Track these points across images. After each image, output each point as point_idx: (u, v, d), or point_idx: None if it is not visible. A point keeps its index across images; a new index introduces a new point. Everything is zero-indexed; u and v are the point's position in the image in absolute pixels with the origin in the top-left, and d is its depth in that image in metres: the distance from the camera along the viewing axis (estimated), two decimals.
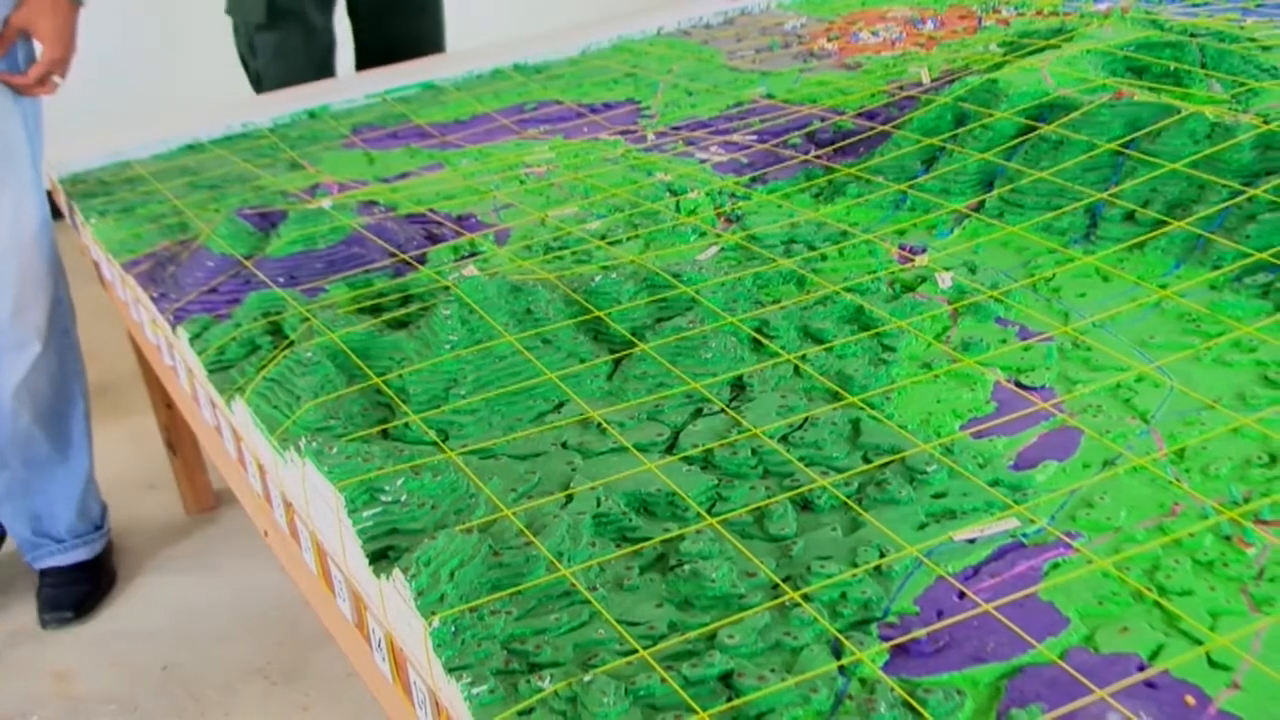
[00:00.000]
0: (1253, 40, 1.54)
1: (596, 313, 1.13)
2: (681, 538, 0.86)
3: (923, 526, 0.86)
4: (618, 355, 1.10)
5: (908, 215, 1.31)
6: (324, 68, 2.35)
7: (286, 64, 2.31)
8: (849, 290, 1.16)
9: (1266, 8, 1.78)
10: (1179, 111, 1.29)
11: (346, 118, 1.82)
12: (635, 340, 1.10)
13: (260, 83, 2.35)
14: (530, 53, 1.99)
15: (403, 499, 0.91)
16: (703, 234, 1.31)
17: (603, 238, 1.32)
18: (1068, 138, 1.31)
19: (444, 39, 2.47)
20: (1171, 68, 1.48)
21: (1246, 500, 0.84)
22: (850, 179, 1.39)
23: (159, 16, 3.52)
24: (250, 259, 1.34)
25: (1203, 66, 1.48)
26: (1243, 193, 1.18)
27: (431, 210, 1.44)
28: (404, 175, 1.57)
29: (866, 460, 0.93)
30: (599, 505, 0.89)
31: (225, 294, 1.29)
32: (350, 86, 1.96)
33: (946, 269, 1.18)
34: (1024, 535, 0.84)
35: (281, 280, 1.29)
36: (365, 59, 2.45)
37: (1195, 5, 1.82)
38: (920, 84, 1.61)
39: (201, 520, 2.07)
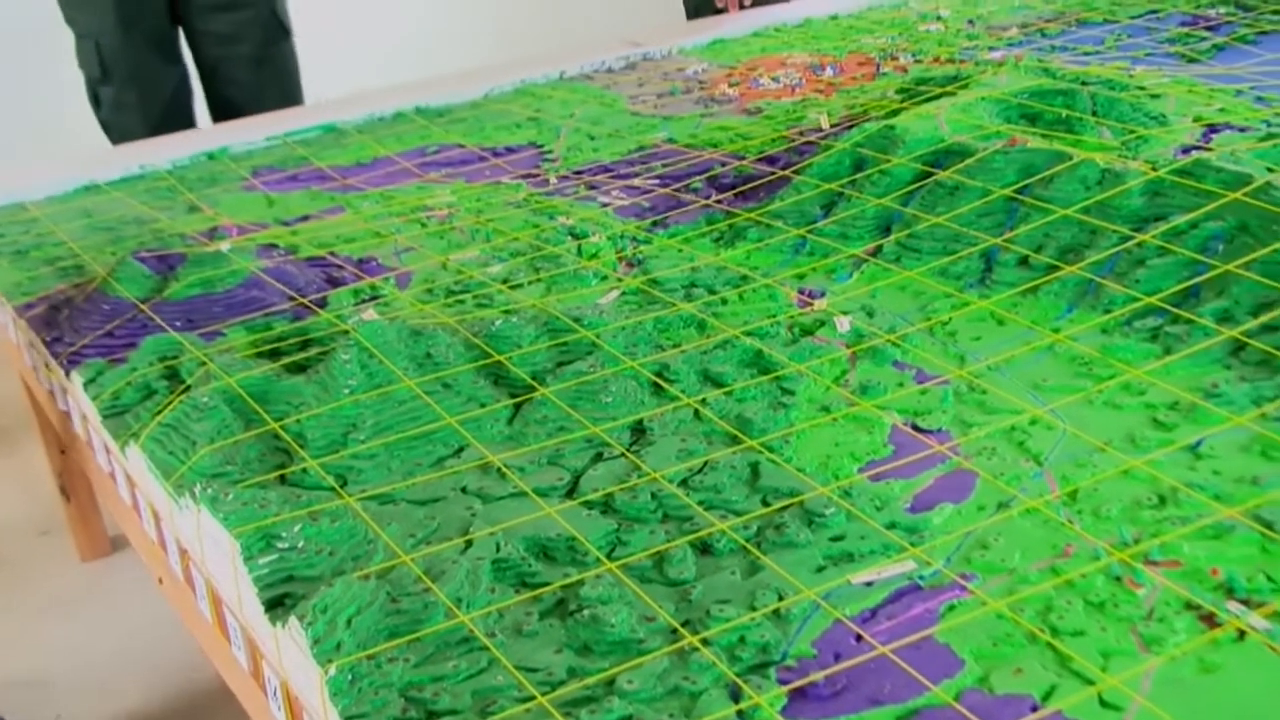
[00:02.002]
0: (1141, 88, 1.57)
1: (497, 357, 1.13)
2: (581, 583, 0.86)
3: (821, 569, 0.86)
4: (518, 399, 1.09)
5: (807, 260, 1.32)
6: (174, 119, 2.32)
7: (129, 117, 2.29)
8: (749, 334, 1.16)
9: (1155, 57, 1.82)
10: (1071, 158, 1.31)
11: (246, 160, 1.81)
12: (536, 384, 1.10)
13: (109, 134, 2.34)
14: (432, 96, 1.99)
15: (300, 545, 0.90)
16: (604, 278, 1.32)
17: (504, 281, 1.32)
18: (963, 183, 1.33)
19: (297, 91, 2.44)
20: (1064, 115, 1.50)
21: (1136, 541, 0.86)
22: (751, 223, 1.40)
23: (51, 59, 3.48)
24: (147, 302, 1.32)
25: (1094, 114, 1.51)
26: (1132, 238, 1.21)
27: (332, 253, 1.43)
28: (304, 218, 1.56)
29: (765, 503, 0.94)
30: (498, 550, 0.89)
31: (121, 338, 1.27)
32: (250, 129, 1.95)
33: (845, 313, 1.19)
34: (920, 577, 0.85)
35: (179, 324, 1.28)
36: (215, 111, 2.43)
37: (1086, 54, 1.86)
38: (820, 130, 1.63)
39: (96, 567, 2.03)
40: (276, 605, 0.87)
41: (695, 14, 2.56)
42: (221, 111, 2.41)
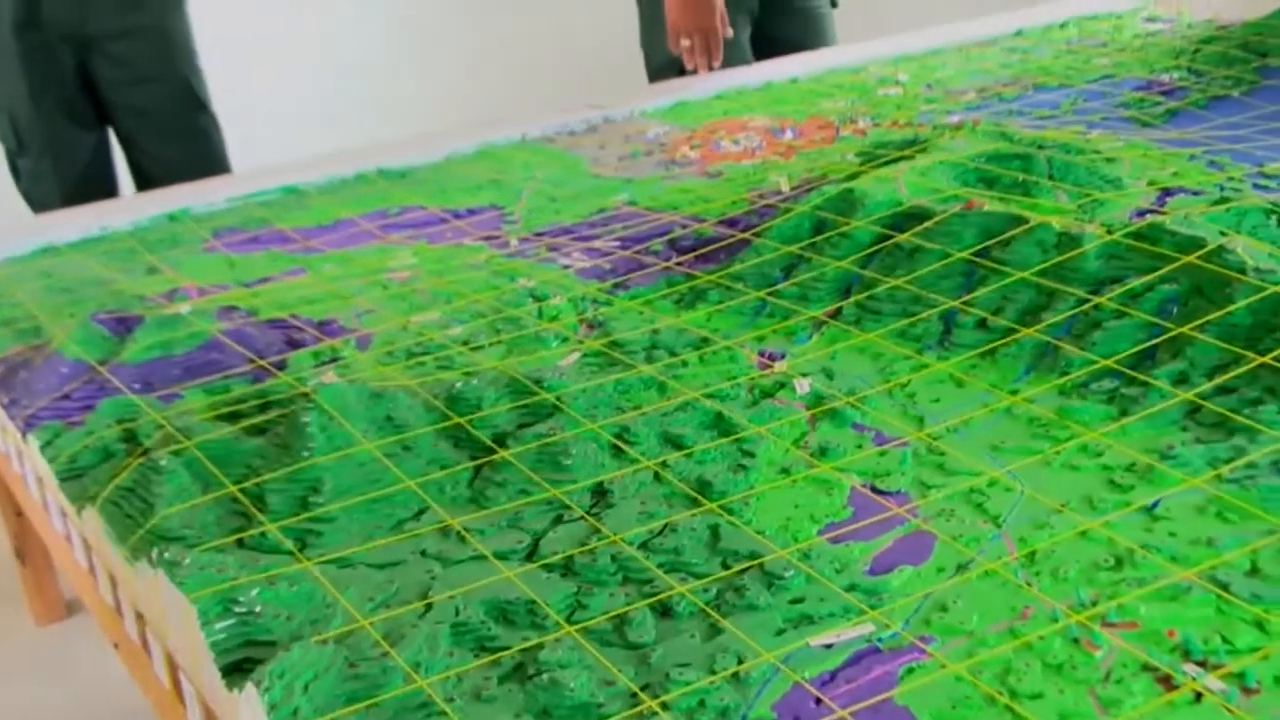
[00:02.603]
0: (1097, 152, 1.59)
1: (457, 419, 1.13)
2: (540, 646, 0.86)
3: (780, 632, 0.86)
4: (479, 462, 1.09)
5: (767, 322, 1.33)
6: (92, 186, 2.31)
7: (45, 187, 2.28)
8: (709, 396, 1.17)
9: (1111, 121, 1.85)
10: (1028, 221, 1.33)
11: (207, 221, 1.81)
12: (496, 447, 1.10)
13: (30, 205, 2.33)
14: (394, 157, 1.99)
15: (258, 610, 0.89)
16: (565, 340, 1.32)
17: (465, 343, 1.32)
18: (922, 246, 1.35)
19: (220, 163, 2.43)
20: (1020, 179, 1.52)
21: (1094, 603, 0.86)
22: (711, 286, 1.41)
23: None
24: (105, 365, 1.32)
25: (1050, 178, 1.53)
26: (1089, 300, 1.22)
27: (293, 315, 1.43)
28: (265, 280, 1.56)
29: (725, 566, 0.94)
30: (458, 614, 0.89)
31: (78, 400, 1.26)
32: (211, 190, 1.95)
33: (805, 375, 1.20)
34: (879, 640, 0.85)
35: (137, 387, 1.27)
36: (139, 180, 2.42)
37: (1042, 118, 1.88)
38: (780, 192, 1.64)
39: (51, 631, 2.01)
40: (234, 670, 0.86)
41: (658, 76, 2.57)
42: (142, 182, 2.40)
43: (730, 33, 2.39)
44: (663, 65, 2.53)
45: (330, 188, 1.91)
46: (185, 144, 2.35)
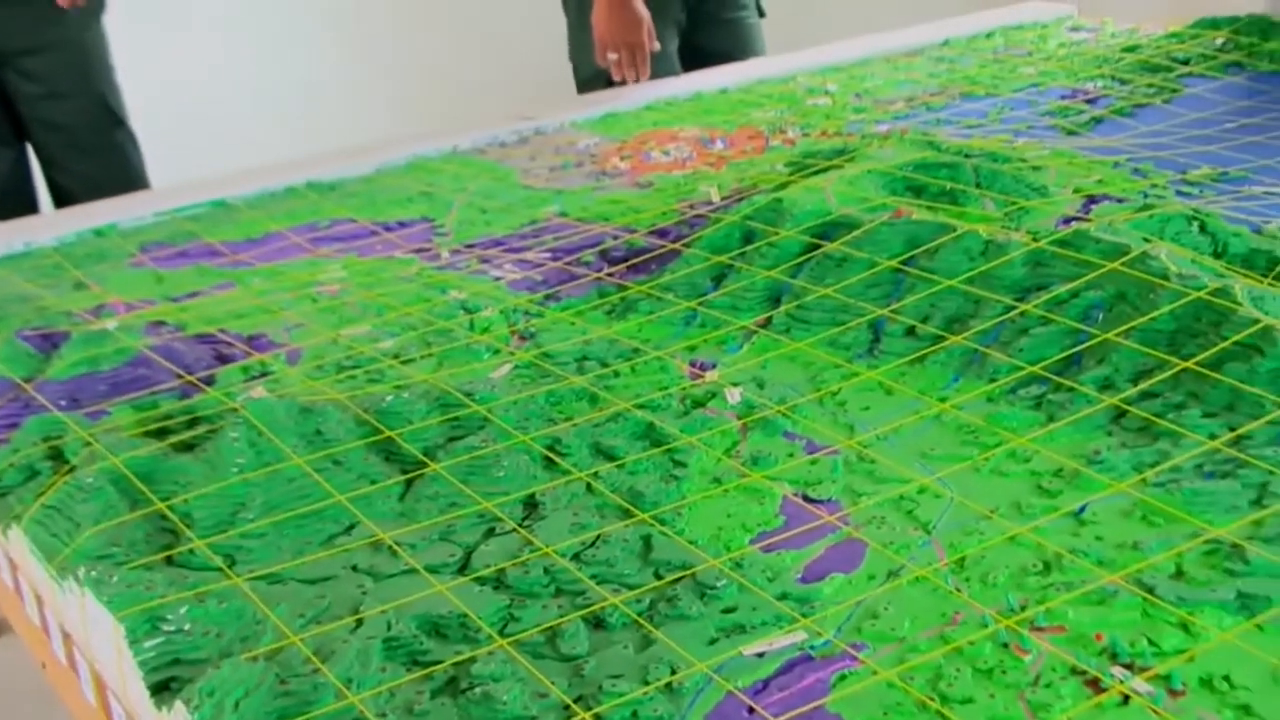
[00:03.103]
0: (1023, 160, 1.61)
1: (388, 433, 1.13)
2: (473, 660, 0.86)
3: (713, 642, 0.87)
4: (409, 475, 1.09)
5: (698, 332, 1.33)
6: (14, 205, 2.28)
7: None
8: (640, 407, 1.17)
9: (1037, 129, 1.87)
10: (955, 230, 1.34)
11: (135, 236, 1.79)
12: (427, 460, 1.10)
13: None
14: (323, 170, 1.98)
15: (186, 628, 0.88)
16: (496, 352, 1.32)
17: (395, 356, 1.31)
18: (850, 255, 1.35)
19: (138, 179, 2.42)
20: (948, 187, 1.53)
21: (1023, 608, 0.87)
22: (642, 296, 1.41)
23: None
24: (30, 382, 1.30)
25: (977, 186, 1.55)
26: (1015, 308, 1.23)
27: (221, 330, 1.42)
28: (193, 294, 1.55)
29: (658, 576, 0.94)
30: (389, 629, 0.88)
31: (3, 418, 1.25)
32: (139, 204, 1.93)
33: (736, 384, 1.20)
34: (812, 648, 0.85)
35: (63, 404, 1.26)
36: (56, 197, 2.40)
37: (970, 127, 1.89)
38: (710, 202, 1.64)
39: None
40: (162, 689, 0.85)
41: (586, 87, 2.57)
42: (60, 199, 2.37)
43: (657, 46, 2.40)
44: (591, 76, 2.53)
45: (259, 201, 1.89)
46: (102, 160, 2.33)
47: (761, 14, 2.66)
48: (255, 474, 1.06)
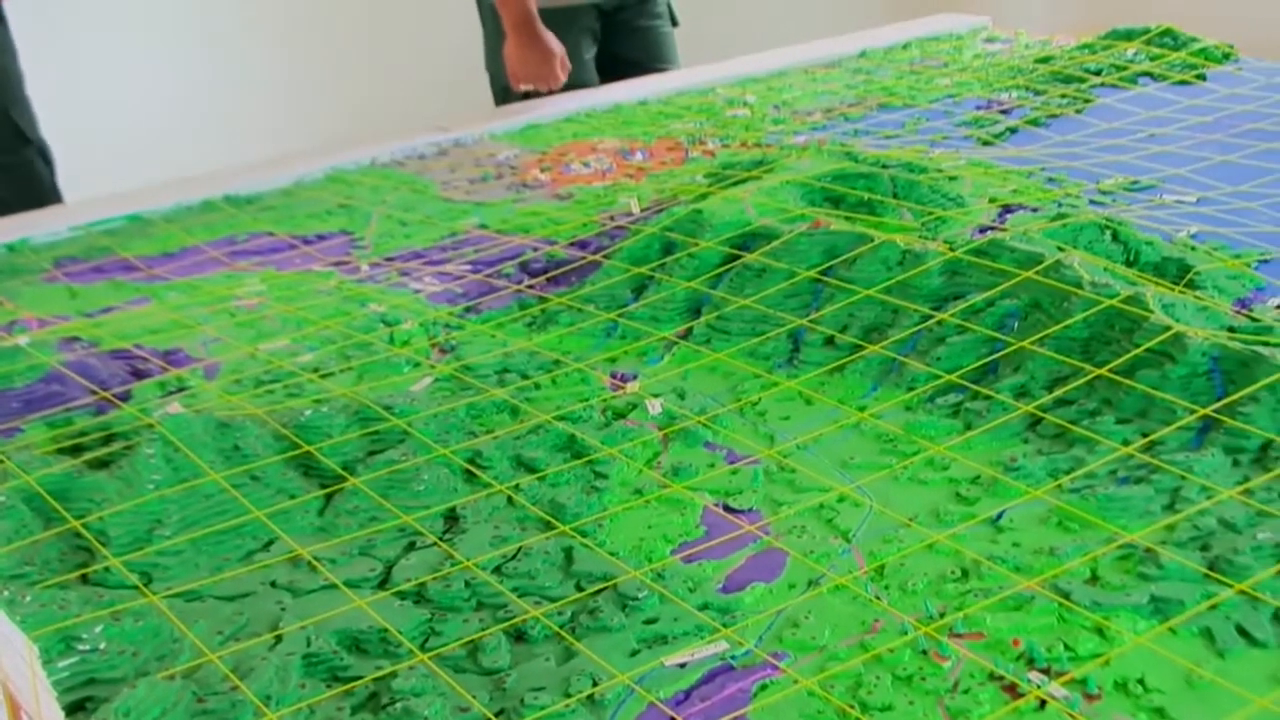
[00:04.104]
0: (939, 171, 1.62)
1: (306, 447, 1.12)
2: (394, 675, 0.85)
3: (635, 653, 0.87)
4: (329, 490, 1.08)
5: (619, 343, 1.33)
6: None
7: None
8: (561, 419, 1.17)
9: (953, 140, 1.88)
10: (872, 240, 1.35)
11: (48, 251, 1.77)
12: (346, 474, 1.09)
13: None
14: (241, 184, 1.97)
15: (102, 647, 0.87)
16: (416, 365, 1.31)
17: (315, 370, 1.30)
18: (770, 266, 1.36)
19: (48, 197, 2.39)
20: (865, 198, 1.55)
21: (941, 615, 0.88)
22: (563, 308, 1.41)
23: None
24: None
25: (894, 196, 1.56)
26: (932, 317, 1.24)
27: (137, 345, 1.40)
28: (108, 310, 1.53)
29: (579, 588, 0.94)
30: (309, 645, 0.88)
31: None
32: (53, 219, 1.91)
33: (656, 396, 1.21)
34: (733, 658, 0.86)
35: None
36: None
37: (887, 138, 1.91)
38: (630, 214, 1.64)
39: None
40: (77, 709, 0.84)
41: (503, 98, 2.57)
42: None
43: (563, 79, 2.41)
44: (508, 86, 2.54)
45: (176, 215, 1.87)
46: (10, 177, 2.29)
47: (674, 22, 2.68)
48: (172, 490, 1.05)
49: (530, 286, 1.48)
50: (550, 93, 2.41)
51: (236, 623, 0.91)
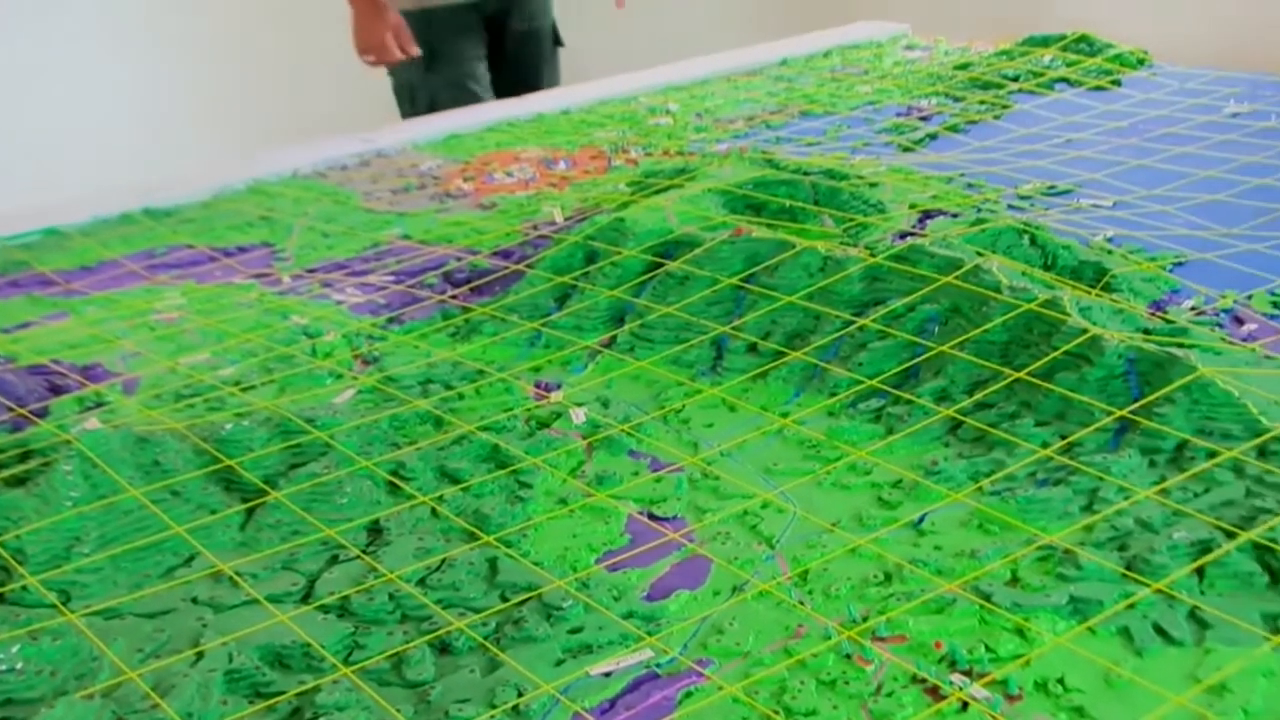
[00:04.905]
0: (860, 177, 1.63)
1: (227, 462, 1.11)
2: (317, 689, 0.85)
3: (560, 663, 0.86)
4: (250, 504, 1.07)
5: (542, 352, 1.33)
6: None
7: None
8: (485, 429, 1.16)
9: (873, 146, 1.90)
10: (794, 247, 1.36)
11: None
12: (268, 488, 1.08)
13: None
14: (160, 196, 1.95)
15: (18, 667, 0.86)
16: (339, 377, 1.30)
17: (236, 384, 1.29)
18: (692, 273, 1.36)
19: None
20: (787, 205, 1.55)
21: (864, 619, 0.88)
22: (486, 318, 1.40)
23: None
24: None
25: (815, 203, 1.57)
26: (853, 323, 1.25)
27: (54, 361, 1.38)
28: (25, 325, 1.51)
29: (504, 599, 0.94)
30: (231, 661, 0.87)
31: None
32: None
33: (580, 404, 1.20)
34: (658, 665, 0.86)
35: None
36: None
37: (808, 145, 1.92)
38: (553, 223, 1.64)
39: None
40: None
41: (409, 111, 2.67)
42: None
43: (415, 51, 2.53)
44: (411, 98, 2.65)
45: (93, 228, 1.85)
46: None
47: (558, 42, 2.76)
48: (90, 507, 1.04)
49: (453, 297, 1.48)
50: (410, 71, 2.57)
51: (157, 640, 0.90)
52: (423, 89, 2.64)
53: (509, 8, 2.70)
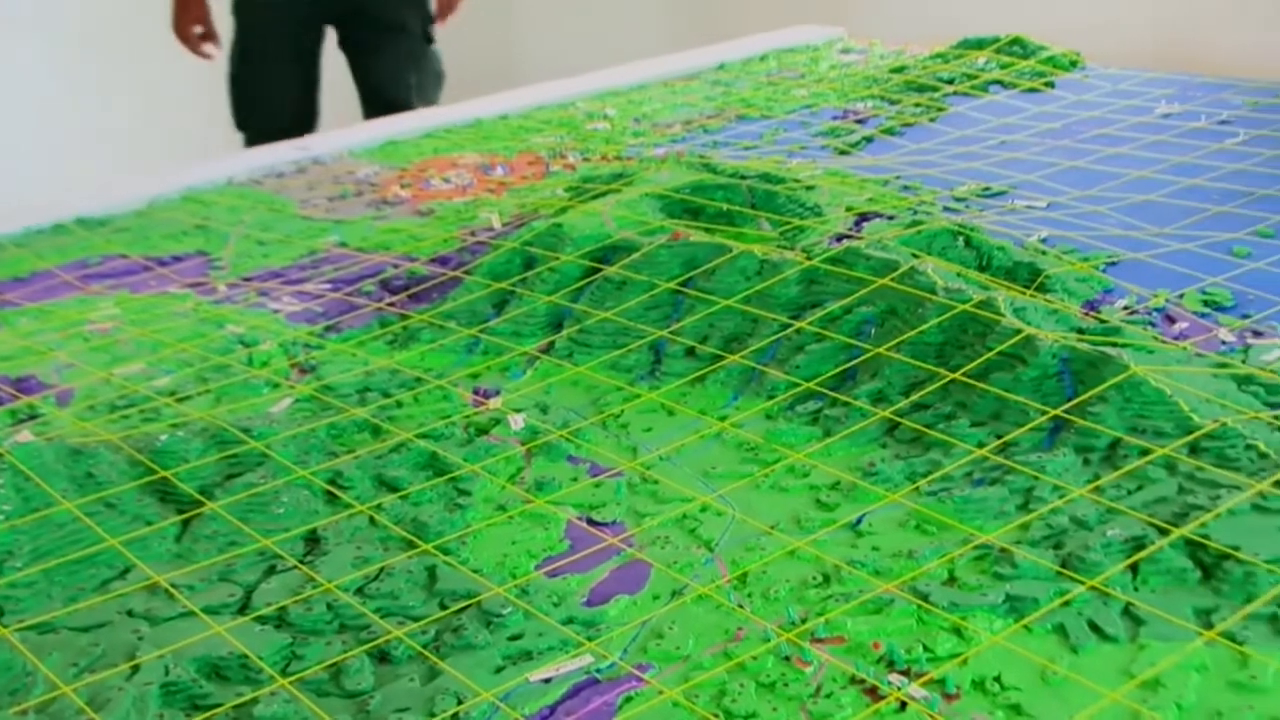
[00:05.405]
0: (797, 181, 1.64)
1: (162, 473, 1.10)
2: (255, 701, 0.84)
3: (500, 670, 0.86)
4: (186, 515, 1.06)
5: (481, 359, 1.33)
6: None
7: None
8: (423, 436, 1.16)
9: (810, 150, 1.91)
10: (731, 250, 1.36)
11: None
12: (204, 499, 1.07)
13: None
14: (93, 206, 1.93)
15: None
16: (276, 386, 1.30)
17: (172, 394, 1.28)
18: (630, 278, 1.37)
19: None
20: (724, 209, 1.56)
21: (803, 621, 0.89)
22: (424, 325, 1.40)
23: None
24: None
25: (752, 207, 1.57)
26: (791, 325, 1.26)
27: None
28: None
29: (443, 607, 0.93)
30: (167, 674, 0.86)
31: None
32: None
33: (519, 411, 1.20)
34: (598, 671, 0.86)
35: None
36: None
37: (745, 149, 1.93)
38: (491, 229, 1.64)
39: None
40: None
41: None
42: None
43: (213, 50, 2.62)
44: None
45: (25, 239, 1.83)
46: None
47: (429, 39, 2.76)
48: (22, 521, 1.03)
49: (391, 304, 1.47)
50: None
51: (92, 654, 0.90)
52: (236, 86, 2.64)
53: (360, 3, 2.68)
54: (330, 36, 2.85)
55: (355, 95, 2.89)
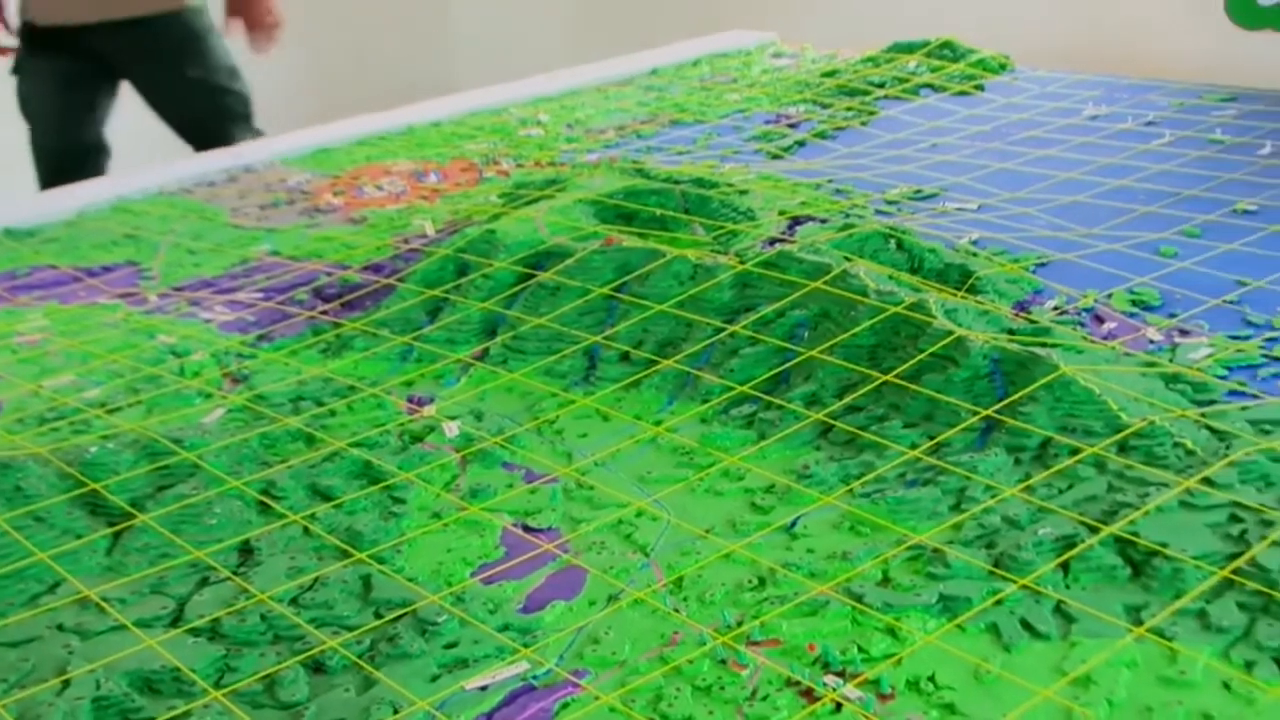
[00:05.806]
0: (730, 185, 1.65)
1: (92, 485, 1.09)
2: (188, 714, 0.83)
3: (435, 678, 0.86)
4: (116, 528, 1.05)
5: (414, 366, 1.33)
6: None
7: None
8: (357, 445, 1.16)
9: (743, 154, 1.91)
10: (664, 255, 1.36)
11: None
12: (135, 511, 1.06)
13: None
14: (21, 216, 1.91)
15: None
16: (208, 396, 1.29)
17: (102, 406, 1.27)
18: (564, 284, 1.37)
19: None
20: (657, 214, 1.56)
21: (739, 624, 0.89)
22: (357, 333, 1.39)
23: None
24: None
25: (685, 211, 1.58)
26: (724, 329, 1.26)
27: None
28: None
29: (378, 616, 0.93)
30: (99, 688, 0.85)
31: None
32: None
33: (453, 418, 1.20)
34: (534, 678, 0.85)
35: None
36: None
37: (678, 154, 1.93)
38: (424, 236, 1.64)
39: None
40: None
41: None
42: None
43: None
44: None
45: None
46: None
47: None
48: None
49: (324, 312, 1.47)
50: None
51: (21, 669, 0.89)
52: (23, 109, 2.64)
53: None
54: None
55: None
